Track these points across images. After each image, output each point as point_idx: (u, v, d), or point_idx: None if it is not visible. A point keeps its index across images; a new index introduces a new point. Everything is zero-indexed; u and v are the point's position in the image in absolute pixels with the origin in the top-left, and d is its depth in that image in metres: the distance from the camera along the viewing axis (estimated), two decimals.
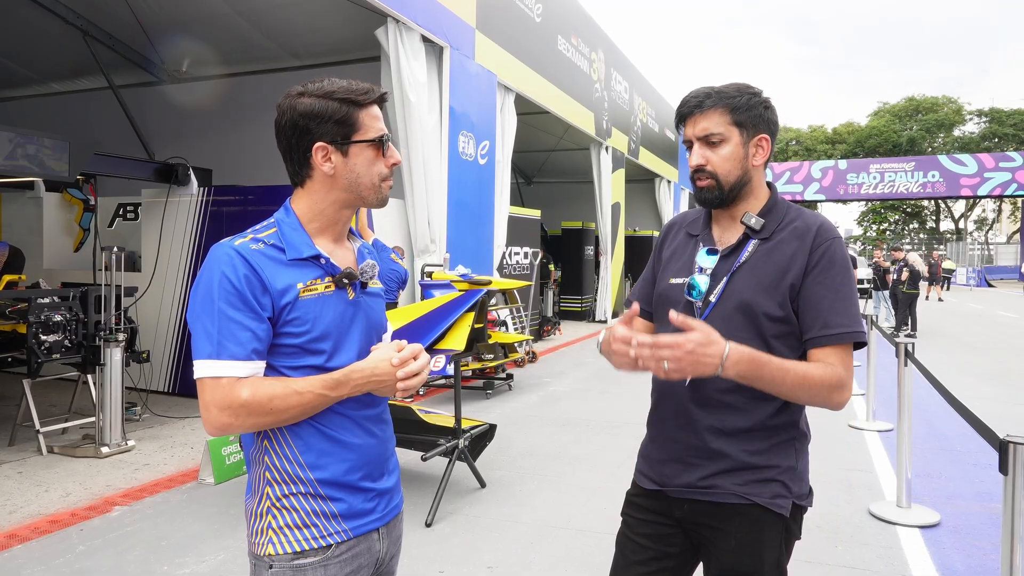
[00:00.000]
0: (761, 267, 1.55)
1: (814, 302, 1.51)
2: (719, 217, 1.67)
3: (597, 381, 8.49)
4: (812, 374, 1.47)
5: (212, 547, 3.58)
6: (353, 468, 1.40)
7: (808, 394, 1.47)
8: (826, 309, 1.50)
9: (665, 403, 1.66)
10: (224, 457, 4.63)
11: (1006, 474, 1.92)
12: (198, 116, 10.40)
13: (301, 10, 8.53)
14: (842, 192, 36.10)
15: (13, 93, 11.58)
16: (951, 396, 2.88)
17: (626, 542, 1.71)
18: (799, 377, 1.46)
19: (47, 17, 8.39)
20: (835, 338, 1.49)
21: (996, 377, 8.98)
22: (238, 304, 1.29)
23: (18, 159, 5.32)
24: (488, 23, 9.37)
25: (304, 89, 1.39)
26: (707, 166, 1.58)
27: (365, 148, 1.40)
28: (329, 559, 1.37)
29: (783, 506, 1.55)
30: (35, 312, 5.10)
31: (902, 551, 3.63)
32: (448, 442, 4.27)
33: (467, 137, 8.92)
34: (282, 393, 1.30)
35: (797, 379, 1.46)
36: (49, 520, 3.93)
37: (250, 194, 7.02)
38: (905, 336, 12.66)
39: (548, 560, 3.51)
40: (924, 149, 45.05)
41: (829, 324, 1.50)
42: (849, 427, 6.27)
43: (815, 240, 1.54)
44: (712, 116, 1.57)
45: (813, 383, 1.46)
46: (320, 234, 1.42)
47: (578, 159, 15.76)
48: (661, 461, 1.66)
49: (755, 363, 1.42)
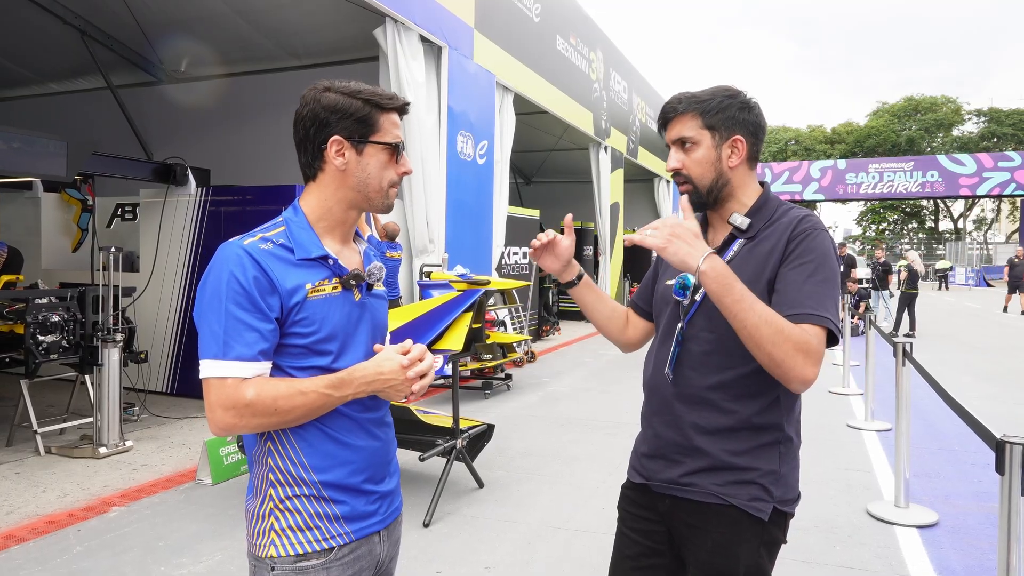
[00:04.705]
0: (743, 265, 1.55)
1: (785, 285, 1.49)
2: (712, 219, 1.70)
3: (596, 381, 8.49)
4: (782, 321, 1.41)
5: (210, 548, 3.58)
6: (356, 471, 1.40)
7: (771, 340, 1.38)
8: (795, 291, 1.47)
9: (652, 399, 1.68)
10: (222, 457, 4.62)
11: (1003, 474, 1.92)
12: (196, 116, 10.41)
13: (299, 10, 8.53)
14: (841, 192, 36.10)
15: (11, 93, 11.57)
16: (949, 396, 2.87)
17: (620, 536, 1.74)
18: (770, 314, 1.41)
19: (45, 17, 8.39)
20: (803, 317, 1.42)
21: (994, 377, 8.99)
22: (246, 305, 1.29)
23: (16, 159, 5.32)
24: (487, 23, 9.37)
25: (331, 85, 1.40)
26: (682, 170, 1.61)
27: (380, 151, 1.41)
28: (331, 562, 1.37)
29: (762, 510, 1.54)
30: (33, 312, 5.10)
31: (900, 551, 3.63)
32: (446, 442, 4.26)
33: (466, 137, 8.92)
34: (287, 393, 1.30)
35: (767, 315, 1.40)
36: (46, 521, 3.92)
37: (248, 194, 7.02)
38: (904, 336, 12.66)
39: (546, 560, 3.50)
40: (923, 149, 45.05)
41: (797, 304, 1.45)
42: (847, 427, 6.27)
43: (792, 232, 1.53)
44: (684, 120, 1.59)
45: (780, 327, 1.39)
46: (328, 234, 1.43)
47: (577, 159, 15.76)
48: (647, 456, 1.68)
49: (730, 275, 1.42)
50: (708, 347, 1.57)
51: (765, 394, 1.54)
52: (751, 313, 1.40)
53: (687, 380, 1.59)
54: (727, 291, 1.41)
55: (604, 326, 1.85)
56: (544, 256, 1.73)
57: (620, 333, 1.85)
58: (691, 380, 1.58)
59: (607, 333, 1.86)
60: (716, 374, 1.56)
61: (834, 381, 8.18)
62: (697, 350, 1.58)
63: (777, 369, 1.42)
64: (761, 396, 1.54)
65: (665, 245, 1.44)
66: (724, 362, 1.55)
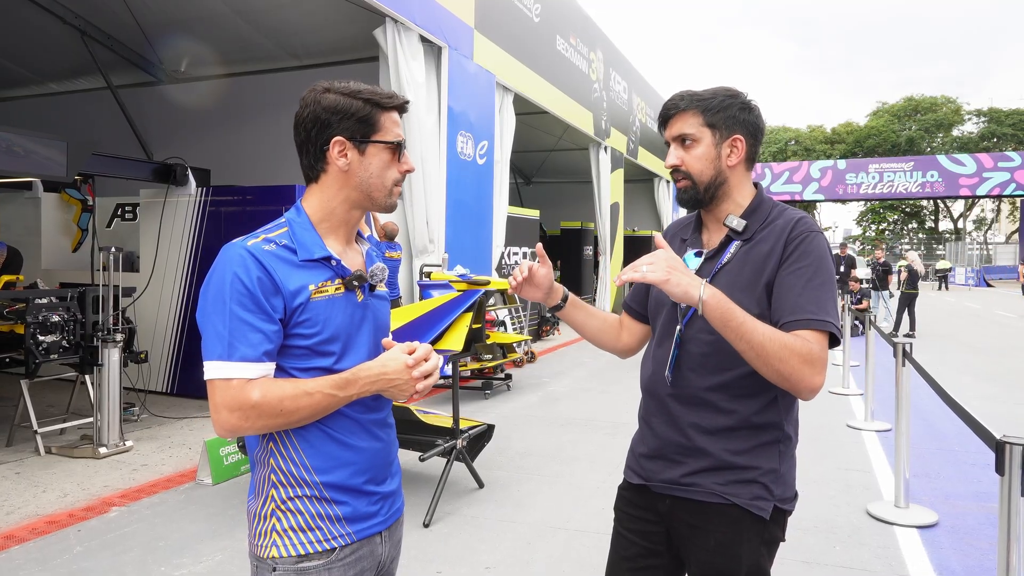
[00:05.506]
0: (740, 268, 1.56)
1: (785, 290, 1.50)
2: (707, 221, 1.70)
3: (596, 381, 8.49)
4: (784, 335, 1.43)
5: (210, 548, 3.58)
6: (358, 472, 1.40)
7: (778, 356, 1.40)
8: (796, 296, 1.48)
9: (651, 400, 1.68)
10: (222, 458, 4.62)
11: (1002, 474, 1.92)
12: (196, 116, 10.40)
13: (299, 10, 8.53)
14: (841, 192, 36.10)
15: (11, 93, 11.57)
16: (949, 396, 2.87)
17: (617, 537, 1.74)
18: (771, 332, 1.43)
19: (45, 17, 8.39)
20: (804, 323, 1.45)
21: (994, 377, 8.99)
22: (250, 306, 1.29)
23: (16, 159, 5.32)
24: (487, 23, 9.37)
25: (330, 86, 1.40)
26: (681, 166, 1.62)
27: (382, 150, 1.42)
28: (333, 562, 1.37)
29: (763, 508, 1.55)
30: (33, 312, 5.10)
31: (900, 551, 3.64)
32: (446, 442, 4.27)
33: (466, 137, 8.92)
34: (292, 394, 1.30)
35: (769, 333, 1.42)
36: (47, 521, 3.93)
37: (248, 194, 7.02)
38: (904, 336, 12.67)
39: (546, 560, 3.51)
40: (923, 149, 45.04)
41: (798, 310, 1.47)
42: (847, 427, 6.27)
43: (790, 234, 1.54)
44: (685, 118, 1.61)
45: (784, 343, 1.41)
46: (330, 234, 1.43)
47: (577, 159, 15.76)
48: (646, 456, 1.68)
49: (727, 299, 1.43)
50: (707, 348, 1.57)
51: (764, 393, 1.55)
52: (755, 333, 1.42)
53: (686, 381, 1.59)
54: (730, 316, 1.42)
55: (597, 339, 1.85)
56: (525, 288, 1.73)
57: (615, 341, 1.85)
58: (690, 381, 1.59)
59: (602, 344, 1.86)
60: (715, 375, 1.57)
61: (834, 381, 8.18)
62: (696, 352, 1.59)
63: (786, 383, 1.44)
64: (760, 395, 1.55)
65: (667, 277, 1.43)
66: (723, 363, 1.55)
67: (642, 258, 1.47)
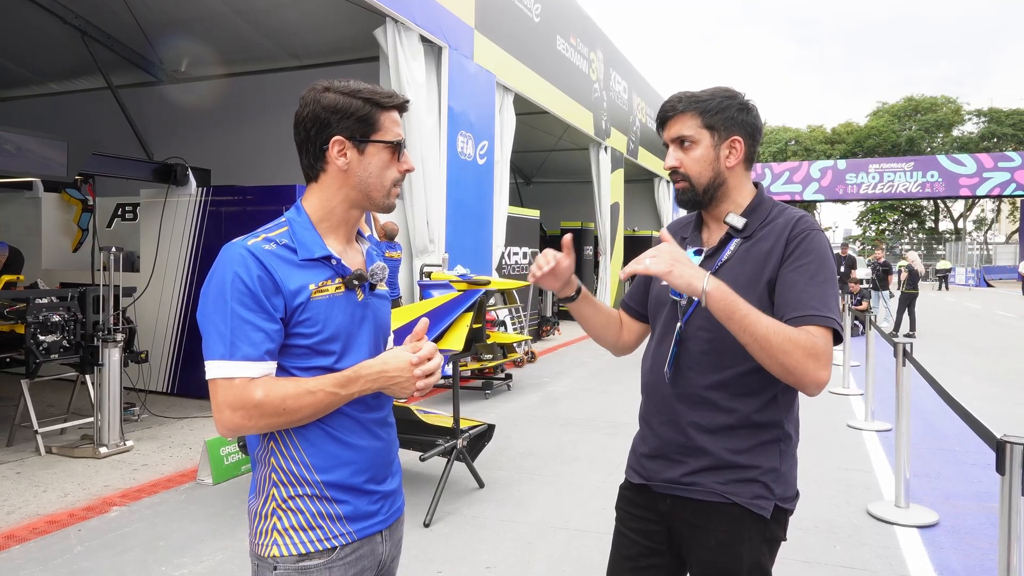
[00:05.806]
0: (740, 265, 1.56)
1: (788, 286, 1.50)
2: (707, 220, 1.71)
3: (596, 381, 8.50)
4: (788, 329, 1.43)
5: (210, 548, 3.58)
6: (359, 471, 1.41)
7: (782, 349, 1.40)
8: (799, 292, 1.48)
9: (651, 399, 1.69)
10: (222, 457, 4.62)
11: (1003, 474, 1.92)
12: (197, 116, 10.41)
13: (299, 10, 8.53)
14: (841, 192, 36.11)
15: (11, 93, 11.58)
16: (949, 396, 2.87)
17: (619, 536, 1.74)
18: (776, 325, 1.42)
19: (45, 17, 8.39)
20: (808, 319, 1.45)
21: (994, 377, 8.99)
22: (251, 305, 1.29)
23: (16, 159, 5.31)
24: (487, 23, 9.37)
25: (330, 85, 1.40)
26: (680, 168, 1.62)
27: (381, 150, 1.42)
28: (334, 561, 1.37)
29: (764, 507, 1.55)
30: (33, 312, 5.10)
31: (900, 551, 3.64)
32: (447, 442, 4.27)
33: (466, 137, 8.92)
34: (294, 392, 1.30)
35: (774, 326, 1.42)
36: (47, 520, 3.93)
37: (248, 194, 7.02)
38: (904, 336, 12.66)
39: (547, 560, 3.51)
40: (923, 149, 45.05)
41: (801, 305, 1.47)
42: (848, 427, 6.27)
43: (791, 233, 1.55)
44: (684, 119, 1.61)
45: (789, 336, 1.41)
46: (330, 234, 1.43)
47: (577, 159, 15.76)
48: (647, 456, 1.68)
49: (732, 292, 1.43)
50: (707, 346, 1.57)
51: (764, 392, 1.55)
52: (759, 326, 1.41)
53: (686, 380, 1.60)
54: (734, 307, 1.42)
55: (601, 334, 1.85)
56: (546, 278, 1.72)
57: (616, 338, 1.85)
58: (690, 379, 1.59)
59: (603, 340, 1.86)
60: (715, 373, 1.57)
61: (834, 381, 8.18)
62: (696, 349, 1.59)
63: (790, 376, 1.43)
64: (760, 394, 1.55)
65: (670, 269, 1.43)
66: (723, 361, 1.56)
67: (646, 252, 1.48)
